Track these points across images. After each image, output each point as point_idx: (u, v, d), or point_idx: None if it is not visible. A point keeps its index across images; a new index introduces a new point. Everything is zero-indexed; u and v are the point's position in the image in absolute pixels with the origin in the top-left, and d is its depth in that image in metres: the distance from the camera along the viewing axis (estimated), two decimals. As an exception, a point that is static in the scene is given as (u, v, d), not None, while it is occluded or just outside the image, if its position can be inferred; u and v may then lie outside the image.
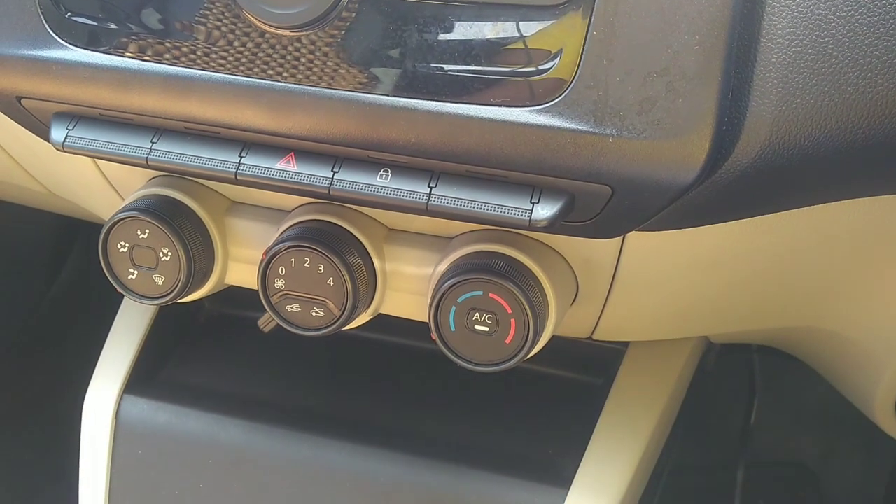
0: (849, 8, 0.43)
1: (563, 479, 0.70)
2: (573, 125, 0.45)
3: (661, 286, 0.63)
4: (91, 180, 0.69)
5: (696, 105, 0.44)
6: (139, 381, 0.78)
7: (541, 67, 0.46)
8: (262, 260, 0.59)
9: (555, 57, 0.45)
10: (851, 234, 0.57)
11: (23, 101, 0.56)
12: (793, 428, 1.25)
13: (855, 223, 0.55)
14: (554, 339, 0.61)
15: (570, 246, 0.59)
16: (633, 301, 0.64)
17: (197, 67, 0.50)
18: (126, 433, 0.76)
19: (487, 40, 0.46)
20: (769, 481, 1.22)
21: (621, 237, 0.57)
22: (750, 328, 0.75)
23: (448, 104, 0.47)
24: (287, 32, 0.48)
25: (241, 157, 0.53)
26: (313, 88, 0.49)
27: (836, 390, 0.90)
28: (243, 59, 0.50)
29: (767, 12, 0.44)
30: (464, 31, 0.46)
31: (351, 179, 0.51)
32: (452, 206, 0.50)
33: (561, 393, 0.79)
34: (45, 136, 0.57)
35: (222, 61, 0.50)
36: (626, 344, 0.77)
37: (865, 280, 0.62)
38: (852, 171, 0.48)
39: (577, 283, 0.62)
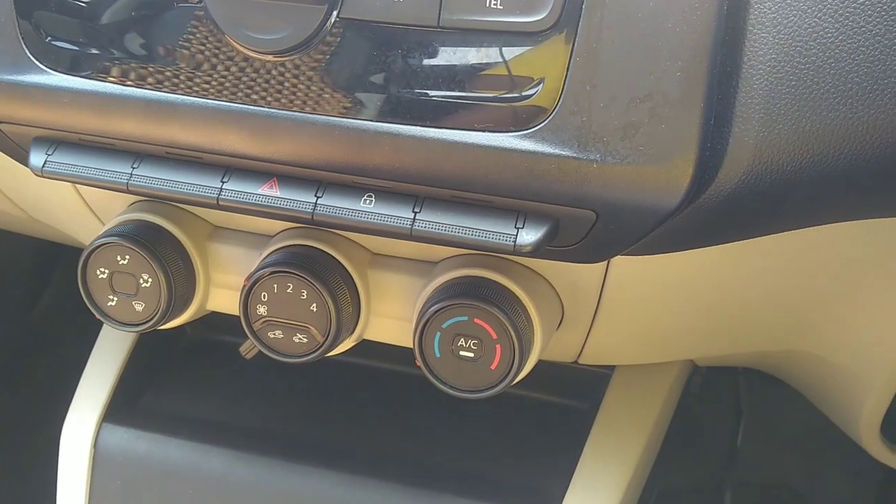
0: (829, 35, 0.44)
1: (551, 505, 0.70)
2: (557, 150, 0.45)
3: (646, 310, 0.63)
4: (71, 205, 0.68)
5: (679, 130, 0.44)
6: (118, 409, 0.77)
7: (524, 93, 0.46)
8: (244, 286, 0.58)
9: (538, 83, 0.45)
10: (835, 257, 0.57)
11: (1, 125, 0.55)
12: (779, 449, 1.25)
13: (838, 247, 0.56)
14: (540, 363, 0.60)
15: (556, 270, 0.59)
16: (619, 325, 0.64)
17: (179, 92, 0.50)
18: (105, 462, 0.74)
19: (471, 66, 0.46)
20: (757, 503, 1.21)
21: (606, 261, 0.57)
22: (735, 351, 0.75)
23: (432, 129, 0.47)
24: (270, 58, 0.48)
25: (224, 183, 0.52)
26: (296, 114, 0.49)
27: (821, 412, 0.90)
28: (226, 84, 0.49)
29: (749, 38, 0.44)
30: (447, 56, 0.46)
31: (334, 205, 0.51)
32: (437, 231, 0.50)
33: (547, 418, 0.78)
34: (25, 161, 0.56)
35: (205, 86, 0.50)
36: (612, 368, 0.77)
37: (848, 303, 0.62)
38: (835, 196, 0.48)
39: (562, 307, 0.62)
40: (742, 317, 0.65)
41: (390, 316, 0.62)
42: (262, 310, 0.58)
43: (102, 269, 0.60)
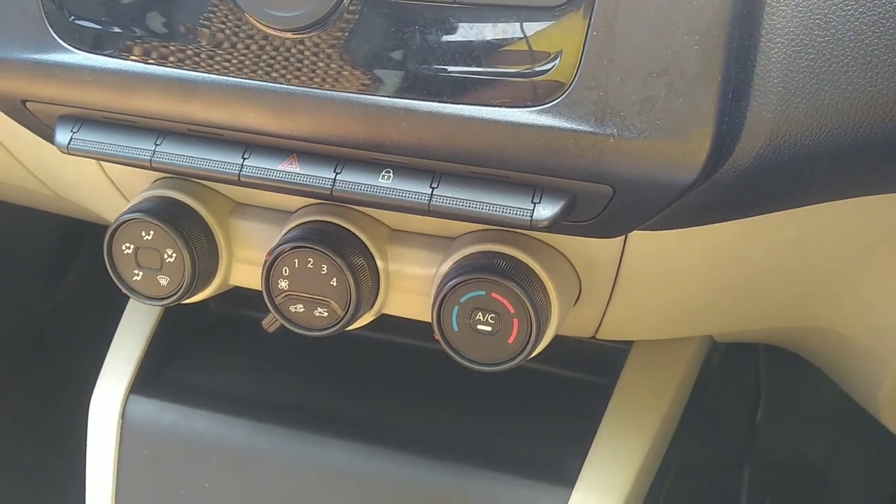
0: (849, 6, 0.43)
1: (567, 479, 0.70)
2: (574, 125, 0.46)
3: (663, 285, 0.63)
4: (96, 182, 0.69)
5: (696, 105, 0.44)
6: (145, 382, 0.79)
7: (541, 68, 0.46)
8: (266, 261, 0.59)
9: (555, 58, 0.45)
10: (853, 232, 0.57)
11: (27, 104, 0.56)
12: (799, 427, 1.25)
13: (857, 221, 0.55)
14: (557, 338, 0.61)
15: (573, 245, 0.59)
16: (637, 300, 0.64)
17: (200, 70, 0.51)
18: (132, 433, 0.76)
19: (488, 42, 0.46)
20: (775, 481, 1.21)
21: (623, 236, 0.57)
22: (753, 327, 0.75)
23: (449, 105, 0.47)
24: (289, 35, 0.49)
25: (244, 159, 0.53)
26: (315, 90, 0.49)
27: (842, 389, 0.89)
28: (246, 62, 0.50)
29: (767, 12, 0.44)
30: (464, 32, 0.46)
31: (353, 181, 0.51)
32: (454, 206, 0.50)
33: (565, 392, 0.79)
34: (50, 139, 0.57)
35: (225, 64, 0.50)
36: (630, 343, 0.77)
37: (868, 279, 0.62)
38: (853, 170, 0.48)
39: (579, 282, 0.62)
40: (759, 292, 0.65)
41: (409, 291, 0.62)
42: (283, 284, 0.59)
43: (128, 245, 0.61)
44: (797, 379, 1.19)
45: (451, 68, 0.47)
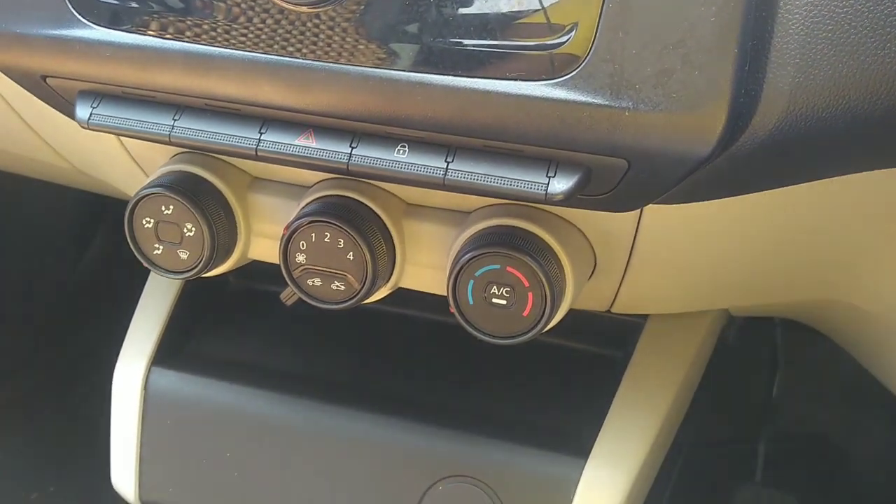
0: (869, -24, 0.43)
1: (581, 451, 0.71)
2: (589, 99, 0.45)
3: (679, 259, 0.63)
4: (116, 157, 0.70)
5: (712, 77, 0.44)
6: (166, 354, 0.80)
7: (556, 41, 0.46)
8: (284, 235, 0.60)
9: (570, 30, 0.45)
10: (871, 206, 0.57)
11: (48, 79, 0.57)
12: (816, 402, 1.25)
13: (875, 195, 0.55)
14: (573, 311, 0.61)
15: (588, 219, 0.59)
16: (652, 274, 0.64)
17: (217, 45, 0.51)
18: (155, 404, 0.78)
19: (503, 14, 0.46)
20: (792, 455, 1.21)
21: (639, 210, 0.57)
22: (770, 301, 0.75)
23: (464, 79, 0.47)
24: (304, 9, 0.49)
25: (261, 134, 0.53)
26: (331, 65, 0.49)
27: (860, 363, 0.89)
28: (262, 36, 0.50)
29: (785, -18, 0.43)
30: (479, 5, 0.46)
31: (369, 155, 0.52)
32: (469, 180, 0.50)
33: (580, 365, 0.79)
34: (71, 114, 0.58)
35: (242, 38, 0.50)
36: (645, 317, 0.77)
37: (886, 253, 0.62)
38: (872, 143, 0.47)
39: (594, 256, 0.63)
40: (776, 266, 0.65)
41: (425, 264, 0.63)
42: (300, 258, 0.60)
43: (148, 219, 0.62)
44: (814, 353, 1.18)
45: (466, 41, 0.47)
